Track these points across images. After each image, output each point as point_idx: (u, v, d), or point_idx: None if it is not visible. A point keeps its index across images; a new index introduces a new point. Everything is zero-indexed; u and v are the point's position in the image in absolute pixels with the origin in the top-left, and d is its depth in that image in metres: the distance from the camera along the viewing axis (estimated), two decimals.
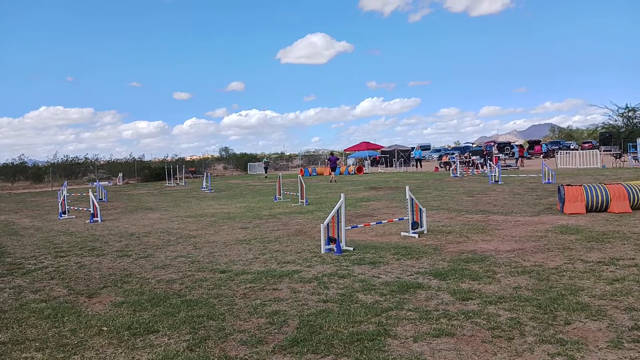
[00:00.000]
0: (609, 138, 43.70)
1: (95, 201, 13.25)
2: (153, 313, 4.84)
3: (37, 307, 5.27)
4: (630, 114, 44.77)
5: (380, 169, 41.66)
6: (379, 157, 46.16)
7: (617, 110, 45.10)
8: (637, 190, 10.20)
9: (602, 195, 10.15)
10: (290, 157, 60.59)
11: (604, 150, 34.67)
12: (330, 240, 7.41)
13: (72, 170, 40.26)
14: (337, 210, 7.38)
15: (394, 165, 40.93)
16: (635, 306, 4.38)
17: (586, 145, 47.92)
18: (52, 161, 40.61)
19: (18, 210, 17.60)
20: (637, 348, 3.51)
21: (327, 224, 7.39)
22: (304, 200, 14.76)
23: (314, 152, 66.77)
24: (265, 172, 40.10)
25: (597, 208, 10.18)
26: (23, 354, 3.97)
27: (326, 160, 35.22)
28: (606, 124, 47.84)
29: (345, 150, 51.42)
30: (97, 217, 13.00)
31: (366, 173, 35.34)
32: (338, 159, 31.42)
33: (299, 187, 15.15)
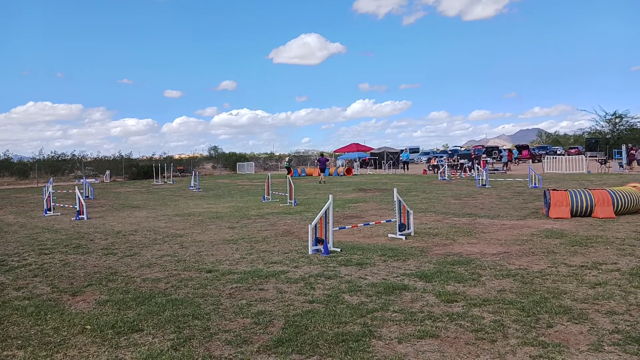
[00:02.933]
0: (595, 144, 44.35)
1: (81, 198, 13.12)
2: (138, 312, 4.81)
3: (19, 304, 5.20)
4: (617, 120, 45.46)
5: (369, 170, 41.79)
6: (369, 158, 46.31)
7: (605, 116, 45.82)
8: (621, 196, 10.35)
9: (586, 201, 10.29)
10: (280, 157, 60.51)
11: (589, 156, 35.20)
12: (317, 241, 7.42)
13: (59, 166, 39.76)
14: (325, 211, 7.39)
15: (383, 167, 41.07)
16: (616, 310, 4.45)
17: (572, 150, 48.56)
18: (38, 157, 40.10)
19: (2, 207, 17.35)
20: (617, 351, 3.57)
21: (315, 225, 7.40)
22: (293, 201, 14.76)
23: (303, 152, 66.74)
24: (288, 172, 34.10)
25: (582, 213, 10.32)
26: (4, 352, 3.92)
27: (316, 161, 35.12)
28: (593, 129, 48.51)
29: (335, 151, 51.46)
30: (83, 214, 12.87)
31: (355, 174, 35.42)
32: (327, 160, 31.41)
33: (288, 188, 15.15)
